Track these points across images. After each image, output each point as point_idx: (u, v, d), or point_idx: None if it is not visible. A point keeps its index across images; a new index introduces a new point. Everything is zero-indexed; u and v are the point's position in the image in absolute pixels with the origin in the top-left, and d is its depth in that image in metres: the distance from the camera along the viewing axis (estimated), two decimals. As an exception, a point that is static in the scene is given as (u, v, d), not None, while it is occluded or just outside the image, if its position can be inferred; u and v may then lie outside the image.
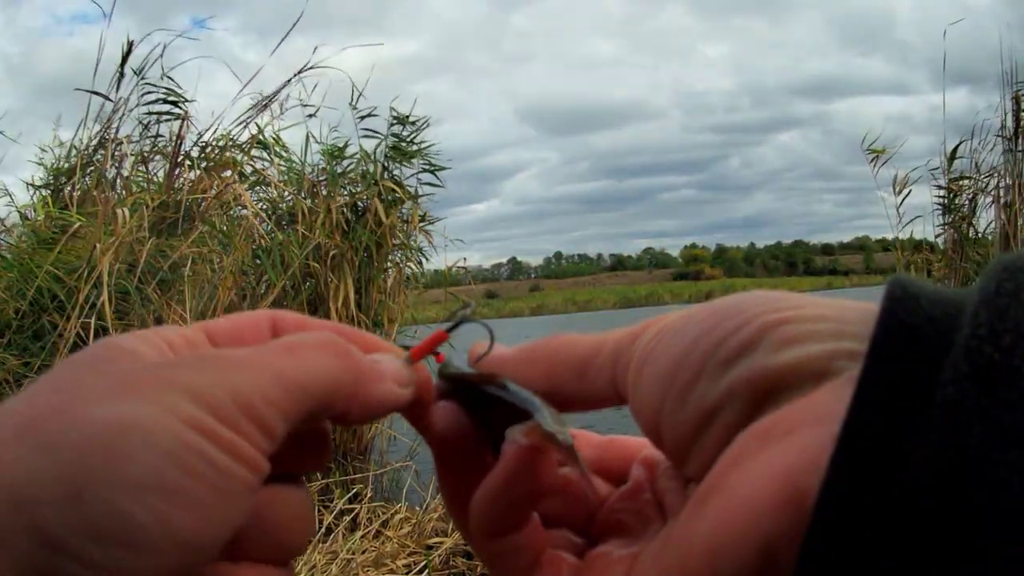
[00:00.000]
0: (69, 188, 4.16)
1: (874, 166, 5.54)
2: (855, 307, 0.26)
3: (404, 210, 5.58)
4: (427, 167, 5.67)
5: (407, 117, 5.53)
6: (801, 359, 0.25)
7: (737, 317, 0.27)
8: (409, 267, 5.71)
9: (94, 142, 4.23)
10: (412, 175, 5.69)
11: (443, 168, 5.76)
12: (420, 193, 5.69)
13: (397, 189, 5.43)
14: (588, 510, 0.36)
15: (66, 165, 4.34)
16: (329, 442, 0.33)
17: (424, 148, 5.62)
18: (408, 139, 5.60)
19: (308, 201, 5.04)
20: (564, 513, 0.36)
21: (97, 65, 4.16)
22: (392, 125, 5.55)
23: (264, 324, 0.33)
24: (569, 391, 0.34)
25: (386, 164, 5.55)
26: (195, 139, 4.65)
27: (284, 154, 5.35)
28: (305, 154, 5.50)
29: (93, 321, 3.43)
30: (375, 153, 5.51)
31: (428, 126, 5.63)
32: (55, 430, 0.23)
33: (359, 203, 5.39)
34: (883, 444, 0.21)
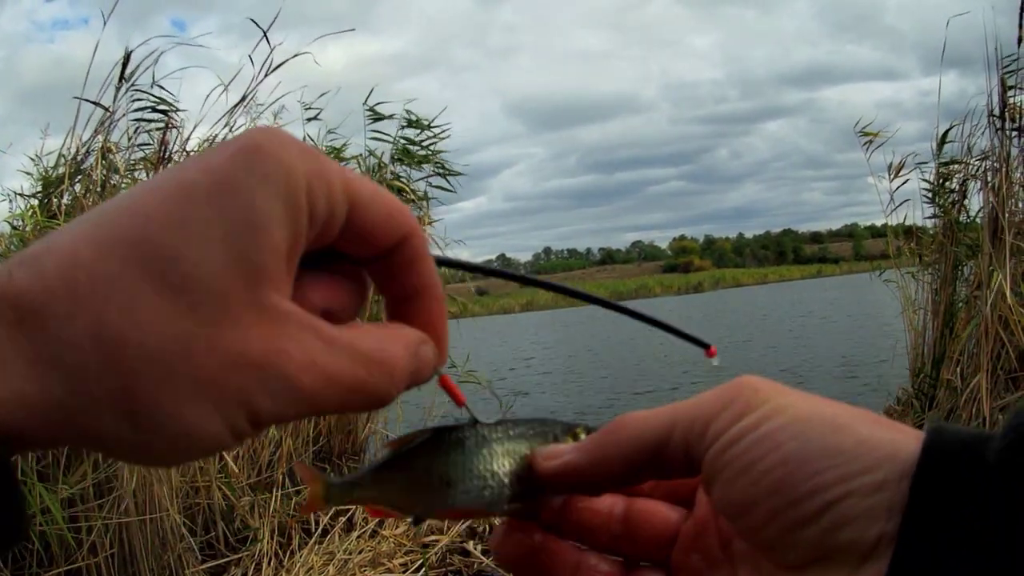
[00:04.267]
0: (58, 197, 4.12)
1: (867, 150, 5.55)
2: (901, 459, 0.30)
3: (413, 211, 5.55)
4: (439, 171, 5.64)
5: (421, 120, 5.51)
6: (859, 539, 0.30)
7: (809, 482, 0.31)
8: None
9: (84, 150, 4.20)
10: (421, 178, 5.67)
11: (458, 174, 5.74)
12: (429, 196, 5.67)
13: (406, 190, 5.41)
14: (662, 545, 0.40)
15: (54, 175, 4.30)
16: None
17: (437, 152, 5.59)
18: (420, 143, 5.57)
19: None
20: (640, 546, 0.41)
21: (88, 71, 4.13)
22: (403, 128, 5.52)
23: (393, 241, 0.34)
24: (648, 475, 0.38)
25: (392, 166, 5.54)
26: (180, 144, 4.62)
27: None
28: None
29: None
30: (381, 155, 5.49)
31: (449, 135, 5.60)
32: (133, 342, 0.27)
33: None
34: None
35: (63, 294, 0.26)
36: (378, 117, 5.49)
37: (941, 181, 5.29)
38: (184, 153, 4.67)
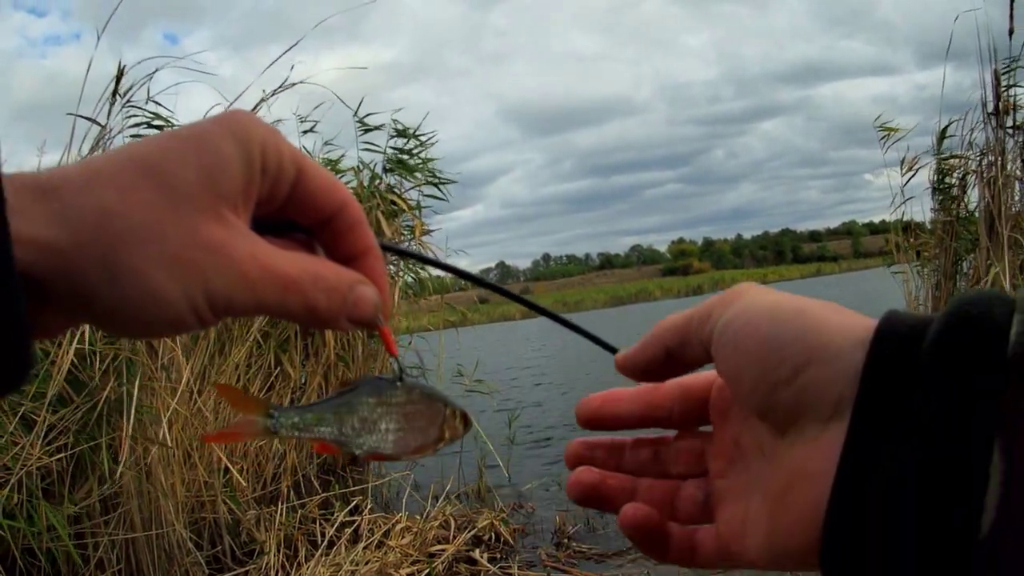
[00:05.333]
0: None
1: (883, 145, 5.54)
2: (860, 341, 0.36)
3: (405, 220, 5.57)
4: (432, 180, 5.66)
5: (408, 129, 5.53)
6: (820, 403, 0.37)
7: (778, 353, 0.38)
8: (405, 277, 5.69)
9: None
10: (412, 187, 5.68)
11: (450, 182, 5.76)
12: (422, 205, 5.69)
13: (398, 201, 5.42)
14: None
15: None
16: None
17: (428, 161, 5.61)
18: (410, 152, 5.59)
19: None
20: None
21: (83, 87, 4.12)
22: (392, 138, 5.55)
23: (333, 207, 0.43)
24: (681, 354, 0.45)
25: (384, 176, 5.55)
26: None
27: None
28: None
29: (86, 347, 3.41)
30: (374, 166, 5.51)
31: (436, 142, 5.64)
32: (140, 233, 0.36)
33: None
34: (878, 452, 0.34)
35: (77, 179, 0.36)
36: (368, 128, 5.52)
37: (941, 176, 5.30)
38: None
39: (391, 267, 5.54)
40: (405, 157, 5.58)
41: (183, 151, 0.37)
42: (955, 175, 5.19)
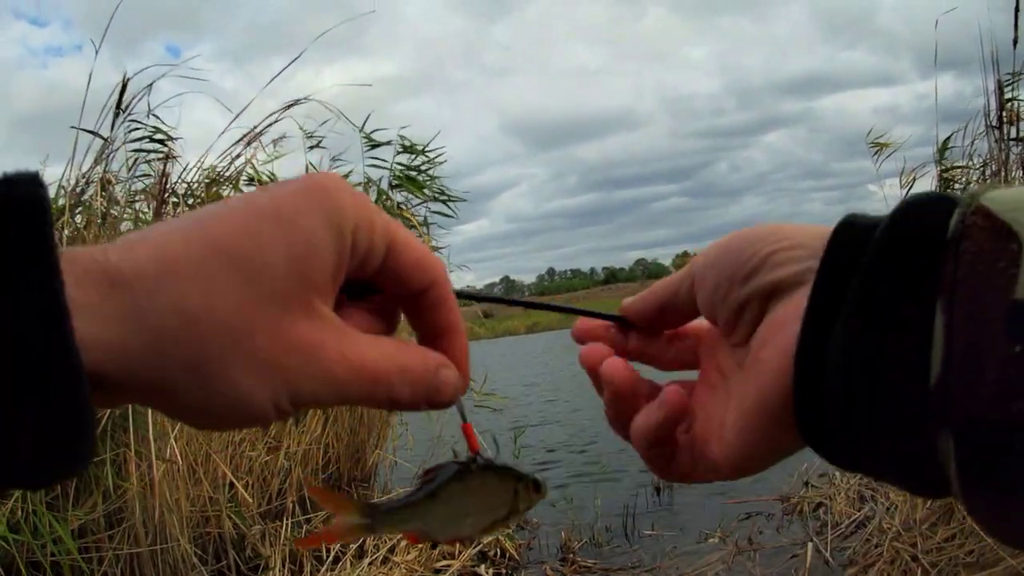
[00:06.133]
0: (59, 229, 4.12)
1: (877, 160, 5.53)
2: (822, 235, 0.40)
3: None
4: (440, 197, 5.65)
5: (415, 145, 5.52)
6: (787, 276, 0.42)
7: (750, 249, 0.44)
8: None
9: (83, 180, 4.20)
10: (419, 203, 5.68)
11: (460, 199, 5.75)
12: (430, 221, 5.68)
13: (410, 219, 5.43)
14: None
15: (55, 206, 4.32)
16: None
17: (436, 179, 5.61)
18: (418, 168, 5.59)
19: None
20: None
21: (84, 100, 4.13)
22: (399, 153, 5.54)
23: (422, 285, 0.42)
24: (674, 305, 0.51)
25: (391, 193, 5.56)
26: (180, 175, 4.65)
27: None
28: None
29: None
30: (379, 182, 5.51)
31: (445, 160, 5.64)
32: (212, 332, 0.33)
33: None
34: (824, 322, 0.38)
35: (152, 272, 0.32)
36: (375, 144, 5.52)
37: (944, 188, 5.29)
38: (184, 185, 4.70)
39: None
40: (413, 174, 5.58)
41: (271, 238, 0.35)
42: (956, 187, 5.18)
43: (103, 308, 0.31)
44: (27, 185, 0.31)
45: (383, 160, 5.53)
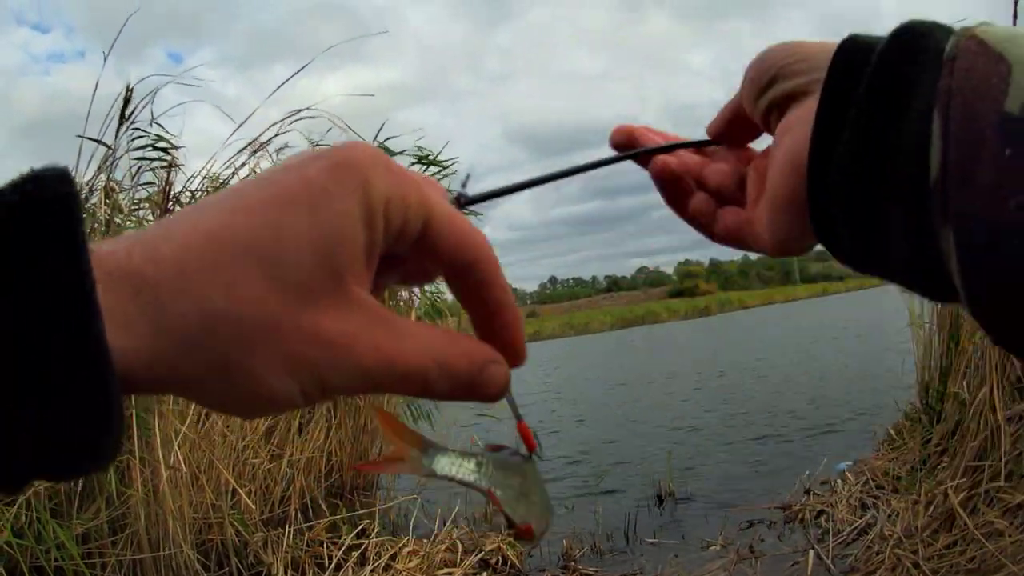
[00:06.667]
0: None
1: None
2: (829, 51, 0.45)
3: None
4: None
5: (428, 155, 5.54)
6: (798, 85, 0.48)
7: (769, 62, 0.50)
8: (418, 300, 5.67)
9: (87, 188, 4.22)
10: None
11: (475, 214, 5.72)
12: None
13: None
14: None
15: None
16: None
17: (451, 192, 5.58)
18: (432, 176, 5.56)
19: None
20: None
21: (89, 109, 4.15)
22: (412, 164, 5.52)
23: (465, 262, 0.39)
24: (740, 115, 0.56)
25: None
26: (183, 183, 4.67)
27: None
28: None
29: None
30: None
31: (456, 172, 5.66)
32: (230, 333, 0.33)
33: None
34: (842, 116, 0.42)
35: (174, 274, 0.32)
36: (392, 154, 5.50)
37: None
38: (188, 193, 4.72)
39: (405, 293, 5.56)
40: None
41: (294, 225, 0.33)
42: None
43: (129, 312, 0.31)
44: (57, 183, 0.31)
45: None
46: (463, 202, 0.50)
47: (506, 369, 0.40)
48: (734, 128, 0.59)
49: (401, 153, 5.53)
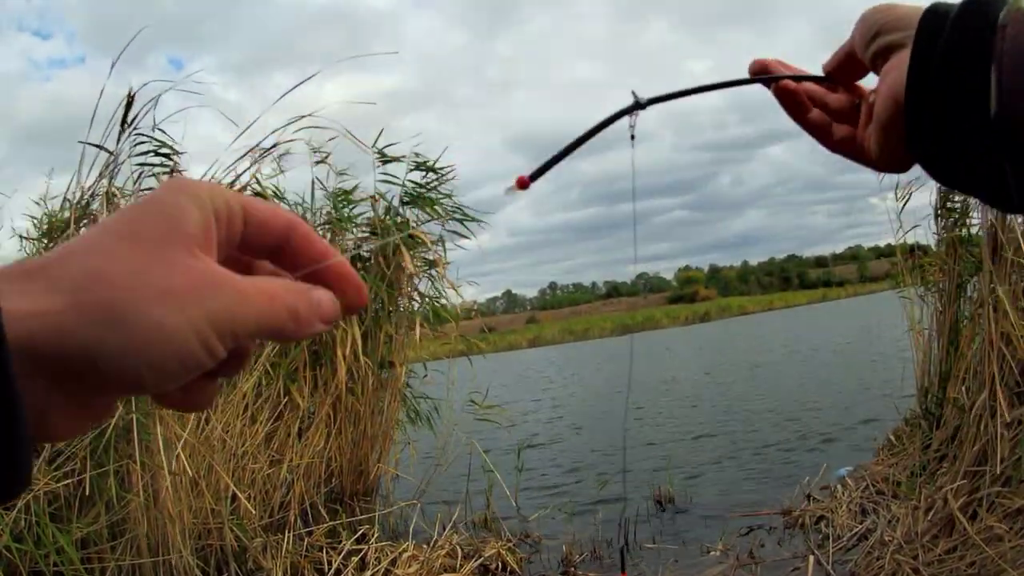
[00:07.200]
0: (64, 241, 4.12)
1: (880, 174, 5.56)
2: (917, 15, 0.59)
3: (421, 251, 5.57)
4: (458, 217, 5.63)
5: (426, 162, 5.54)
6: (895, 39, 0.61)
7: (871, 20, 0.64)
8: (419, 305, 5.67)
9: (88, 194, 4.22)
10: (428, 221, 5.65)
11: (476, 220, 5.71)
12: (444, 239, 5.66)
13: (423, 237, 5.44)
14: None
15: (60, 218, 4.34)
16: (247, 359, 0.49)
17: (449, 196, 5.63)
18: (427, 185, 5.60)
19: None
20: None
21: (93, 116, 4.15)
22: (410, 171, 5.55)
23: (282, 229, 0.47)
24: (853, 56, 0.68)
25: (402, 210, 5.58)
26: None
27: (281, 200, 5.37)
28: (312, 199, 5.54)
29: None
30: (391, 197, 5.52)
31: (454, 177, 5.65)
32: (120, 299, 0.38)
33: (363, 253, 5.44)
34: (928, 65, 0.57)
35: (58, 256, 0.39)
36: (388, 159, 5.52)
37: (943, 200, 5.31)
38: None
39: (406, 300, 5.56)
40: (423, 191, 5.60)
41: (145, 211, 0.42)
42: (955, 198, 5.20)
43: (27, 287, 0.37)
44: None
45: (395, 176, 5.56)
46: (530, 177, 0.58)
47: (327, 292, 0.47)
48: (844, 68, 0.71)
49: (399, 159, 5.55)
